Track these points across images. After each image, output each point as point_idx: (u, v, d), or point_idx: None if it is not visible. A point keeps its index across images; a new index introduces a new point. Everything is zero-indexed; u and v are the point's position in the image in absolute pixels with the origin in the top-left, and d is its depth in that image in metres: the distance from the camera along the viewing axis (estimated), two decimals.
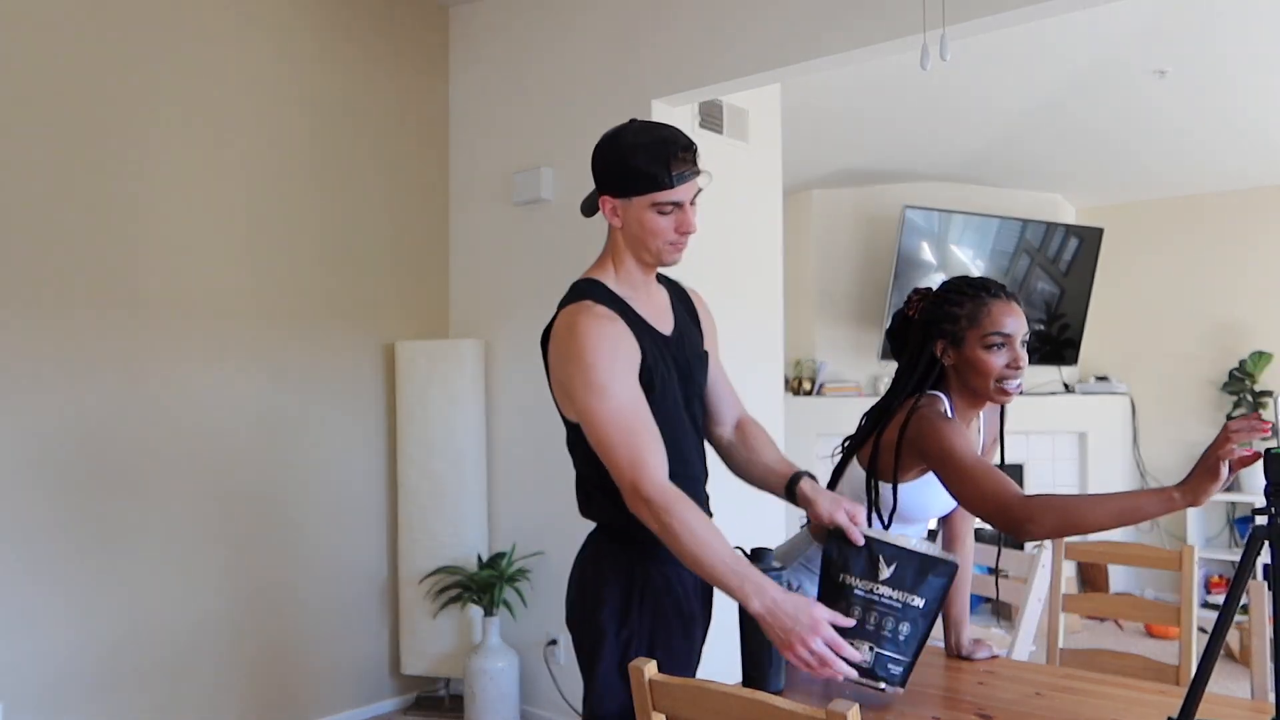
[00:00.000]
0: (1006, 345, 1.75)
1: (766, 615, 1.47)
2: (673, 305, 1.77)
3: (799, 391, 5.49)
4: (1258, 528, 1.25)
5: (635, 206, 1.62)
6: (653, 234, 1.62)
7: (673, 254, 1.66)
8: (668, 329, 1.71)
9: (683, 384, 1.70)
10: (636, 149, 1.60)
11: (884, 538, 1.66)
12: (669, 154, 1.59)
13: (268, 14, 3.33)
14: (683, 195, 1.62)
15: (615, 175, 1.61)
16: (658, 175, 1.58)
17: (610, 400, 1.52)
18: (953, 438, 1.67)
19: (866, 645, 1.63)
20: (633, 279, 1.68)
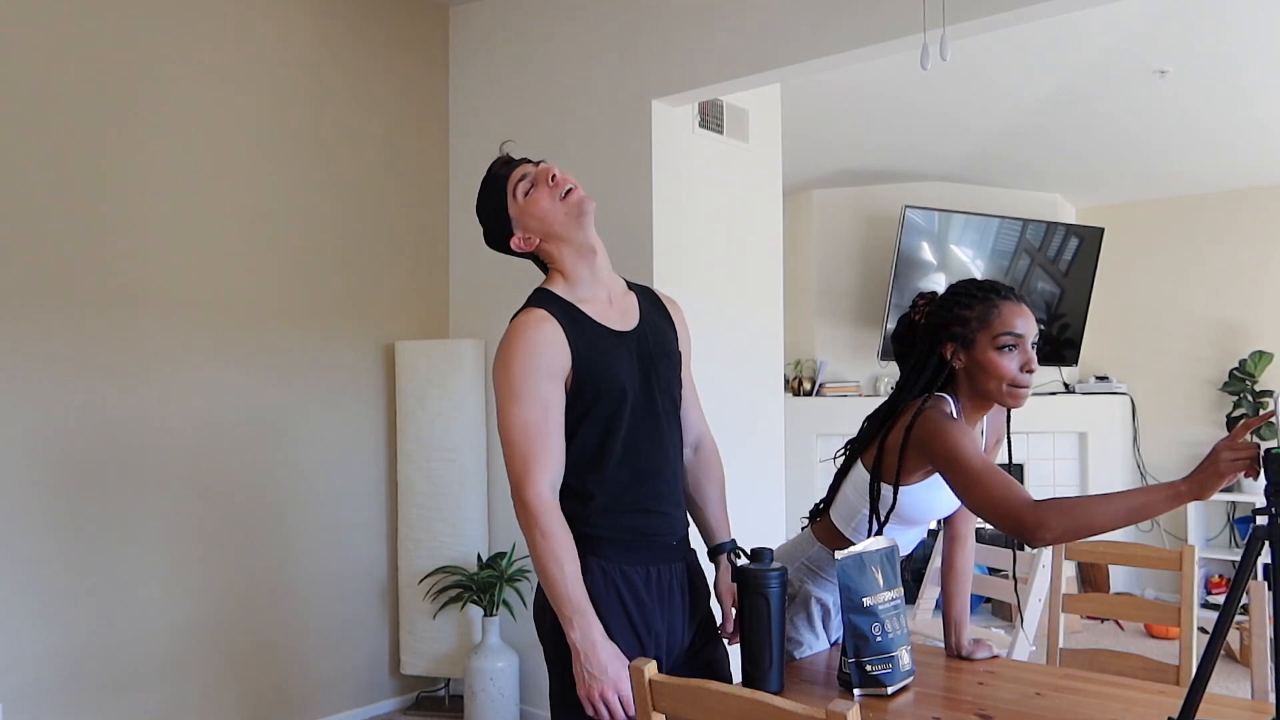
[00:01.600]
0: (1018, 346, 1.74)
1: (580, 651, 1.57)
2: (641, 307, 1.79)
3: (799, 391, 5.49)
4: (1258, 528, 1.25)
5: (520, 212, 1.71)
6: (542, 214, 1.69)
7: (571, 217, 1.69)
8: (628, 326, 1.73)
9: (644, 379, 1.72)
10: (485, 184, 1.76)
11: (856, 551, 1.67)
12: (500, 161, 1.76)
13: (267, 14, 3.33)
14: (525, 170, 1.71)
15: (491, 214, 1.74)
16: (497, 172, 1.73)
17: (519, 406, 1.60)
18: (960, 440, 1.67)
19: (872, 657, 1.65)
20: (581, 282, 1.71)
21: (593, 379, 1.64)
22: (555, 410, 1.62)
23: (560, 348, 1.63)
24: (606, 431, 1.67)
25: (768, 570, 1.64)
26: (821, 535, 1.97)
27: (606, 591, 1.65)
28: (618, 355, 1.68)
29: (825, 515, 1.99)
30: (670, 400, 1.76)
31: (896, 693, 1.65)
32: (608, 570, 1.66)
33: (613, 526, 1.67)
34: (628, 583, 1.67)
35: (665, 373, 1.76)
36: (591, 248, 1.70)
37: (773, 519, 3.60)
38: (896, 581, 1.72)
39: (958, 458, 1.64)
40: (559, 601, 1.58)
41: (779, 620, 1.64)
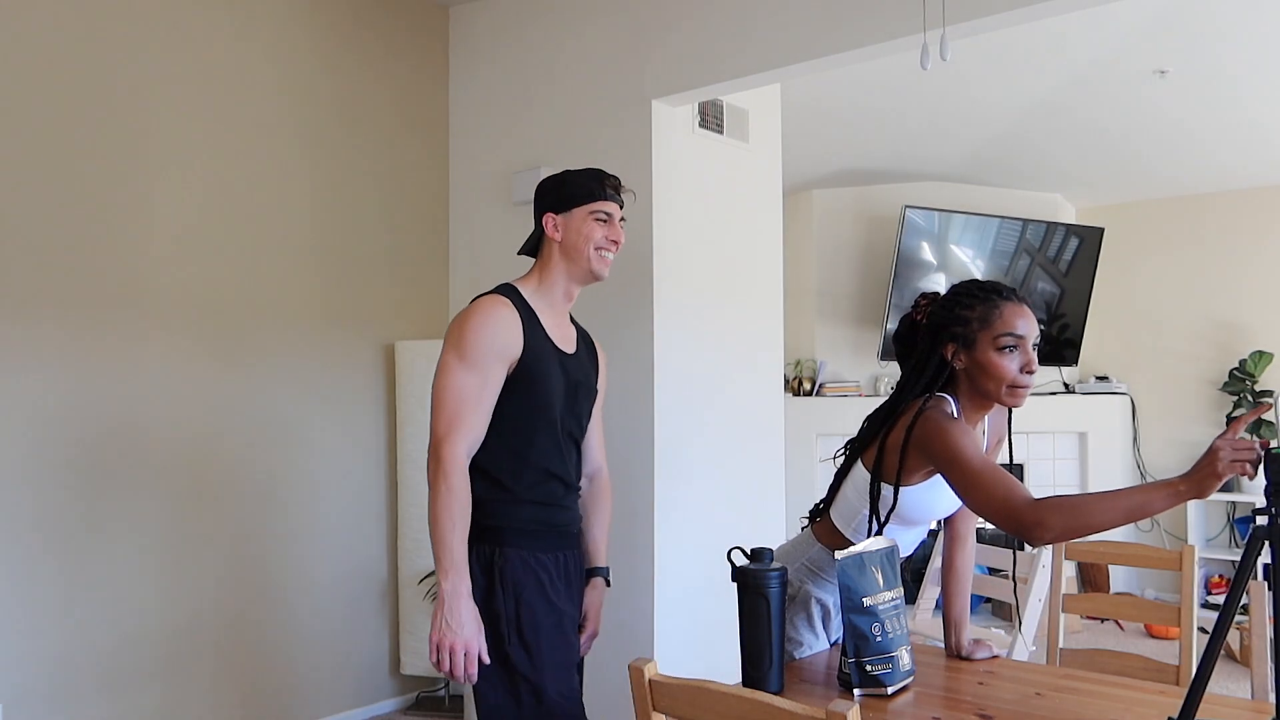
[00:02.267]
0: (1019, 347, 1.74)
1: (446, 603, 1.71)
2: (579, 340, 2.01)
3: (799, 392, 5.49)
4: (1258, 528, 1.25)
5: (575, 217, 1.92)
6: (587, 239, 1.90)
7: (600, 263, 1.92)
8: (566, 349, 1.94)
9: (568, 399, 1.90)
10: (575, 174, 1.94)
11: (856, 551, 1.67)
12: (602, 177, 1.93)
13: (267, 14, 3.33)
14: (613, 209, 1.93)
15: (556, 193, 1.92)
16: (594, 189, 1.91)
17: (462, 371, 1.76)
18: (961, 440, 1.67)
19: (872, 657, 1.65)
20: (552, 295, 1.94)
21: (531, 378, 1.83)
22: (492, 388, 1.79)
23: (515, 336, 1.81)
24: (531, 429, 1.84)
25: (767, 570, 1.64)
26: (822, 535, 1.97)
27: (526, 575, 1.83)
28: (554, 367, 1.87)
29: (825, 515, 1.99)
30: (579, 426, 1.96)
31: (896, 693, 1.65)
32: (525, 558, 1.84)
33: (525, 518, 1.85)
34: (543, 567, 1.86)
35: (582, 400, 1.96)
36: (573, 291, 1.96)
37: (773, 519, 3.59)
38: (896, 581, 1.72)
39: (958, 458, 1.64)
40: (442, 550, 1.72)
41: (779, 620, 1.64)
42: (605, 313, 3.28)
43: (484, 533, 1.83)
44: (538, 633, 1.81)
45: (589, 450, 2.06)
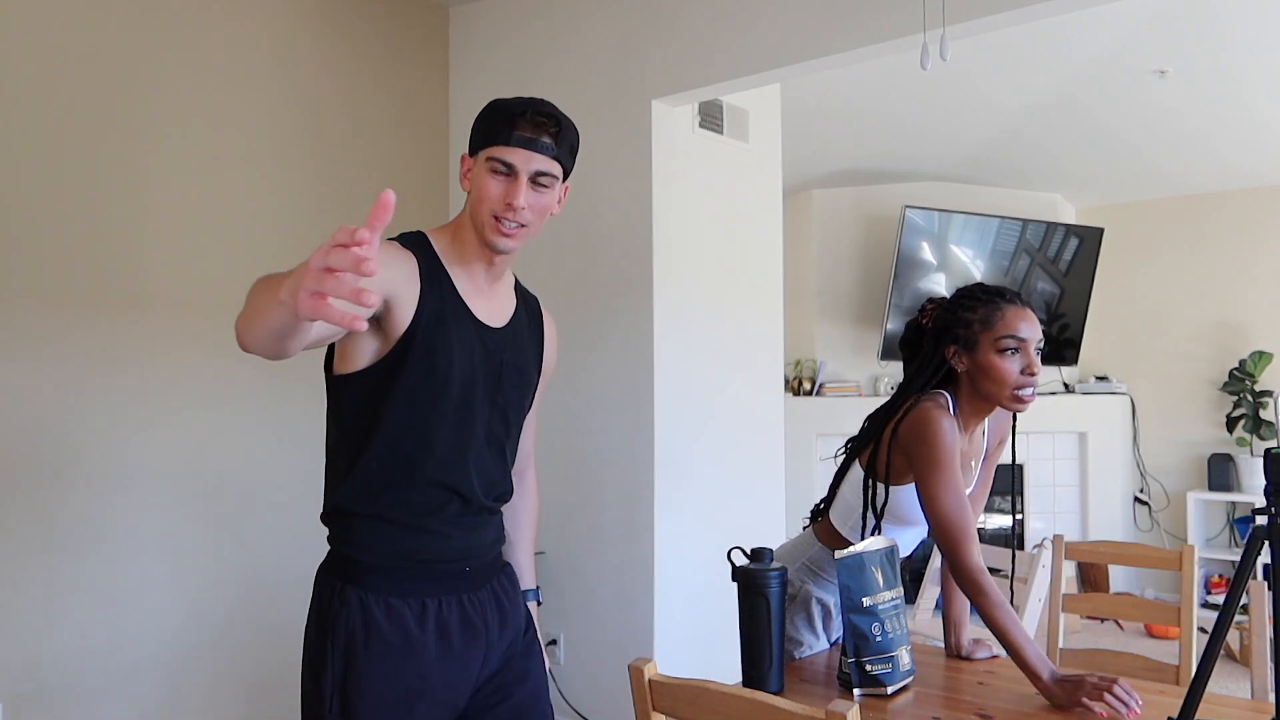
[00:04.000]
0: (1021, 350, 1.75)
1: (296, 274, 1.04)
2: (516, 314, 1.55)
3: (799, 391, 5.49)
4: (1258, 528, 1.25)
5: (478, 167, 1.43)
6: (479, 199, 1.41)
7: (495, 232, 1.40)
8: (492, 321, 1.49)
9: (488, 384, 1.47)
10: (495, 103, 1.44)
11: (856, 550, 1.68)
12: (516, 111, 1.40)
13: (267, 13, 3.33)
14: (517, 160, 1.38)
15: (474, 127, 1.45)
16: (498, 129, 1.39)
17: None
18: (948, 447, 1.70)
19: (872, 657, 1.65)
20: (465, 257, 1.46)
21: (422, 353, 1.38)
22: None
23: (399, 280, 1.35)
24: (424, 423, 1.39)
25: (767, 570, 1.64)
26: (822, 535, 1.98)
27: (367, 630, 1.36)
28: (464, 343, 1.42)
29: (826, 516, 1.99)
30: (504, 423, 1.51)
31: (896, 692, 1.65)
32: (372, 605, 1.38)
33: (386, 548, 1.40)
34: (400, 620, 1.38)
35: (509, 389, 1.50)
36: (493, 259, 1.47)
37: (773, 519, 3.60)
38: (896, 581, 1.72)
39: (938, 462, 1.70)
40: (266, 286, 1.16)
41: (779, 620, 1.64)
42: (605, 313, 3.28)
43: (332, 561, 1.44)
44: (363, 712, 1.36)
45: (523, 440, 1.65)
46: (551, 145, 1.41)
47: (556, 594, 3.42)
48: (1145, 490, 5.81)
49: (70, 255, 2.86)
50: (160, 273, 3.06)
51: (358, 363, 1.39)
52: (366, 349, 1.38)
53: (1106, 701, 1.49)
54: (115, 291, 2.95)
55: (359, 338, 1.37)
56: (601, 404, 3.29)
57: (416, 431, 1.40)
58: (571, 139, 1.46)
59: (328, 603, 1.40)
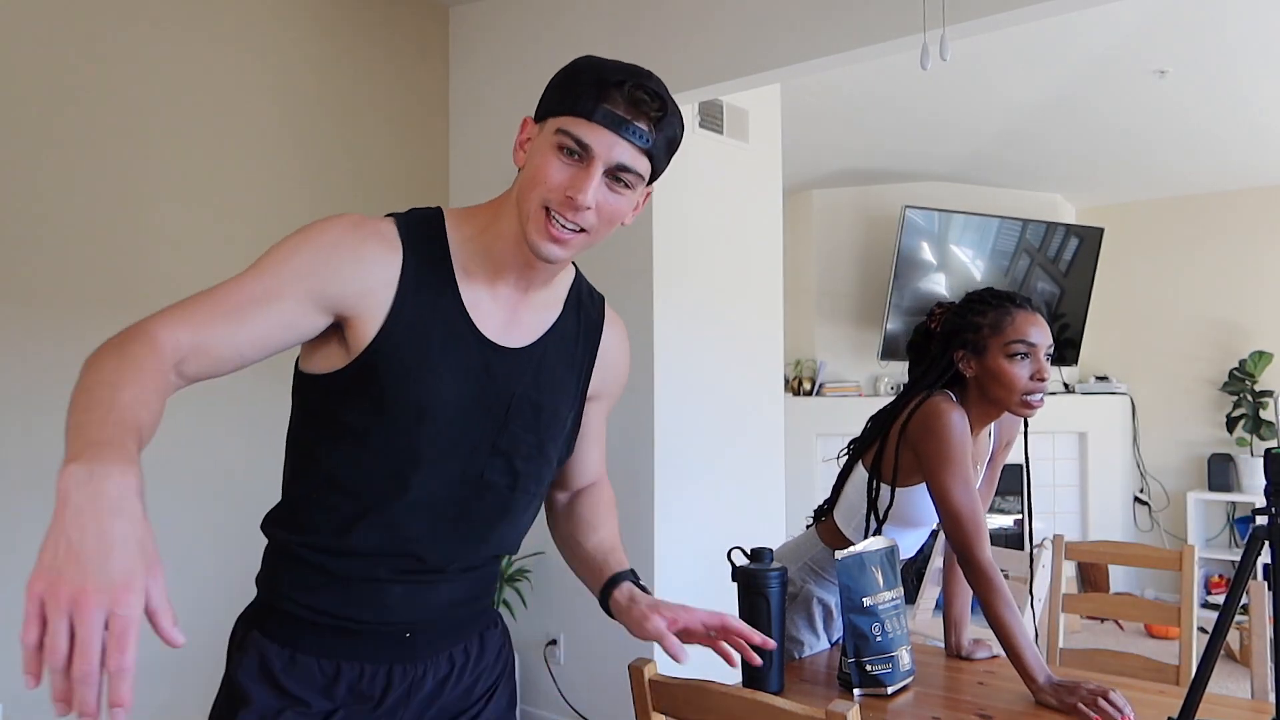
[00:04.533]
0: (1030, 355, 1.75)
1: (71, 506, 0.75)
2: (557, 328, 1.19)
3: (799, 392, 5.49)
4: (1258, 528, 1.25)
5: (543, 137, 1.08)
6: (534, 182, 1.06)
7: (542, 231, 1.06)
8: (511, 340, 1.14)
9: (486, 422, 1.13)
10: (587, 65, 1.09)
11: (856, 551, 1.68)
12: (615, 81, 1.05)
13: (267, 13, 3.33)
14: (597, 141, 1.04)
15: (547, 90, 1.12)
16: (582, 95, 1.05)
17: (246, 279, 1.01)
18: (959, 440, 1.69)
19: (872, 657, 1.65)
20: (496, 251, 1.12)
21: (389, 377, 1.07)
22: (269, 318, 1.01)
23: (363, 279, 1.05)
24: (375, 462, 1.09)
25: (767, 570, 1.64)
26: (825, 536, 1.98)
27: (258, 690, 1.12)
28: (456, 368, 1.10)
29: (829, 516, 1.99)
30: (505, 470, 1.16)
31: (896, 692, 1.65)
32: (271, 659, 1.12)
33: (303, 597, 1.12)
34: (306, 687, 1.12)
35: (518, 430, 1.15)
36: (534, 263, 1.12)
37: (773, 519, 3.60)
38: (896, 581, 1.72)
39: (949, 457, 1.70)
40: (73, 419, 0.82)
41: (779, 620, 1.64)
42: None
43: (251, 607, 1.20)
44: None
45: (585, 462, 1.35)
46: (648, 134, 1.06)
47: (556, 594, 3.43)
48: (1145, 490, 5.81)
49: (70, 255, 2.86)
50: (160, 272, 3.06)
51: (317, 363, 1.11)
52: (328, 351, 1.10)
53: (1100, 708, 1.48)
54: (115, 291, 2.95)
55: (321, 335, 1.09)
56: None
57: (367, 474, 1.09)
58: (674, 131, 1.10)
59: (231, 651, 1.18)
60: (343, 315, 1.06)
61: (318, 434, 1.13)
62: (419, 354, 1.08)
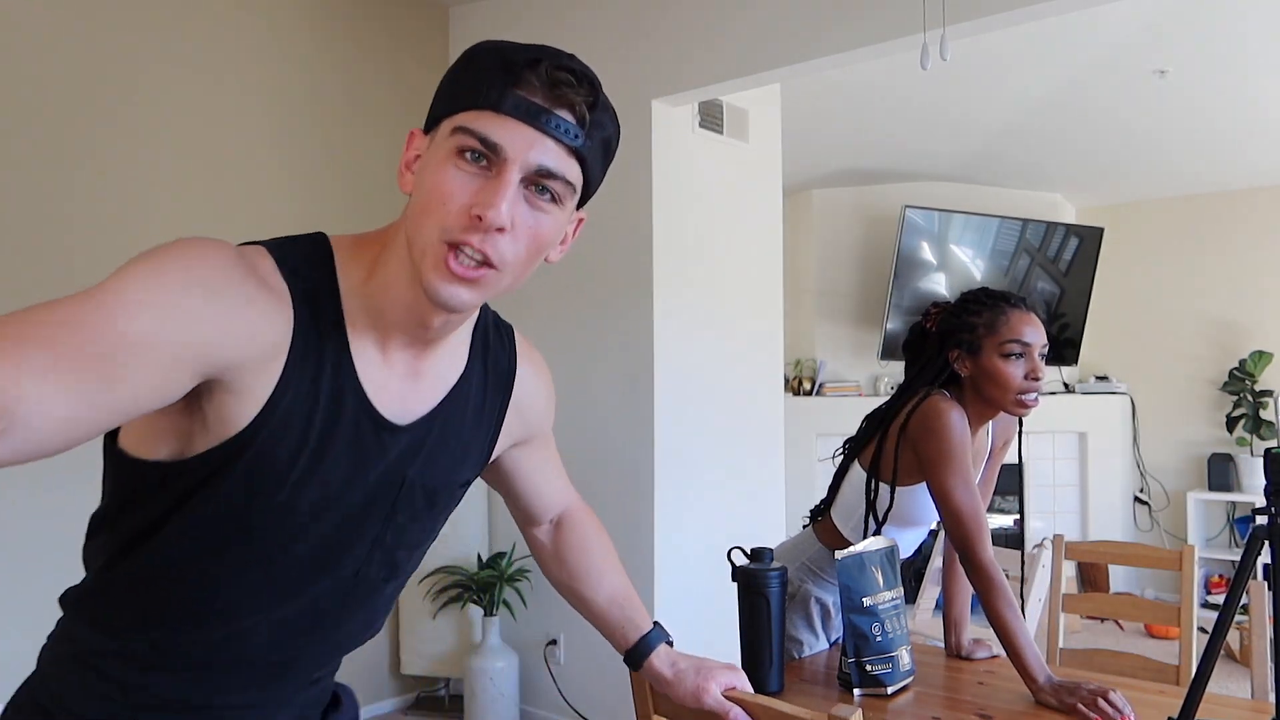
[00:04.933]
0: (1025, 355, 1.75)
1: None
2: (459, 389, 0.95)
3: (799, 391, 5.49)
4: (1258, 528, 1.25)
5: (435, 147, 0.83)
6: (428, 207, 0.80)
7: (440, 270, 0.80)
8: (404, 414, 0.90)
9: (373, 513, 0.91)
10: (487, 49, 0.84)
11: (856, 550, 1.68)
12: (525, 61, 0.81)
13: (267, 13, 3.33)
14: (509, 138, 0.79)
15: (439, 91, 0.86)
16: (485, 82, 0.80)
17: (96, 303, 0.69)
18: (959, 439, 1.70)
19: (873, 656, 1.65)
20: (386, 302, 0.86)
21: (269, 471, 0.82)
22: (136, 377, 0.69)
23: (259, 342, 0.78)
24: (223, 572, 0.86)
25: (768, 570, 1.64)
26: (822, 535, 1.98)
27: None
28: (343, 459, 0.86)
29: (827, 515, 1.99)
30: (385, 563, 0.96)
31: (896, 692, 1.65)
32: None
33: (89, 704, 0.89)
34: None
35: (405, 522, 0.95)
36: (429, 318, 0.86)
37: (772, 519, 3.60)
38: (896, 581, 1.72)
39: (949, 456, 1.69)
40: None
41: (779, 620, 1.64)
42: (605, 313, 3.28)
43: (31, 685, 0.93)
44: None
45: (541, 498, 1.19)
46: (574, 127, 0.82)
47: (556, 595, 3.42)
48: (1145, 490, 5.81)
49: (64, 255, 2.86)
50: None
51: (155, 443, 0.83)
52: (173, 427, 0.81)
53: (1100, 709, 1.48)
54: None
55: (170, 415, 0.81)
56: (601, 404, 3.29)
57: (212, 581, 0.86)
58: (608, 129, 0.87)
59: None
60: (213, 383, 0.77)
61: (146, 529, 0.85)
62: (301, 441, 0.83)
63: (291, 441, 0.83)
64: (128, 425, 0.85)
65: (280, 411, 0.81)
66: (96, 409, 0.67)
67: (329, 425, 0.85)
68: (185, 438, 0.82)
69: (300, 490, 0.85)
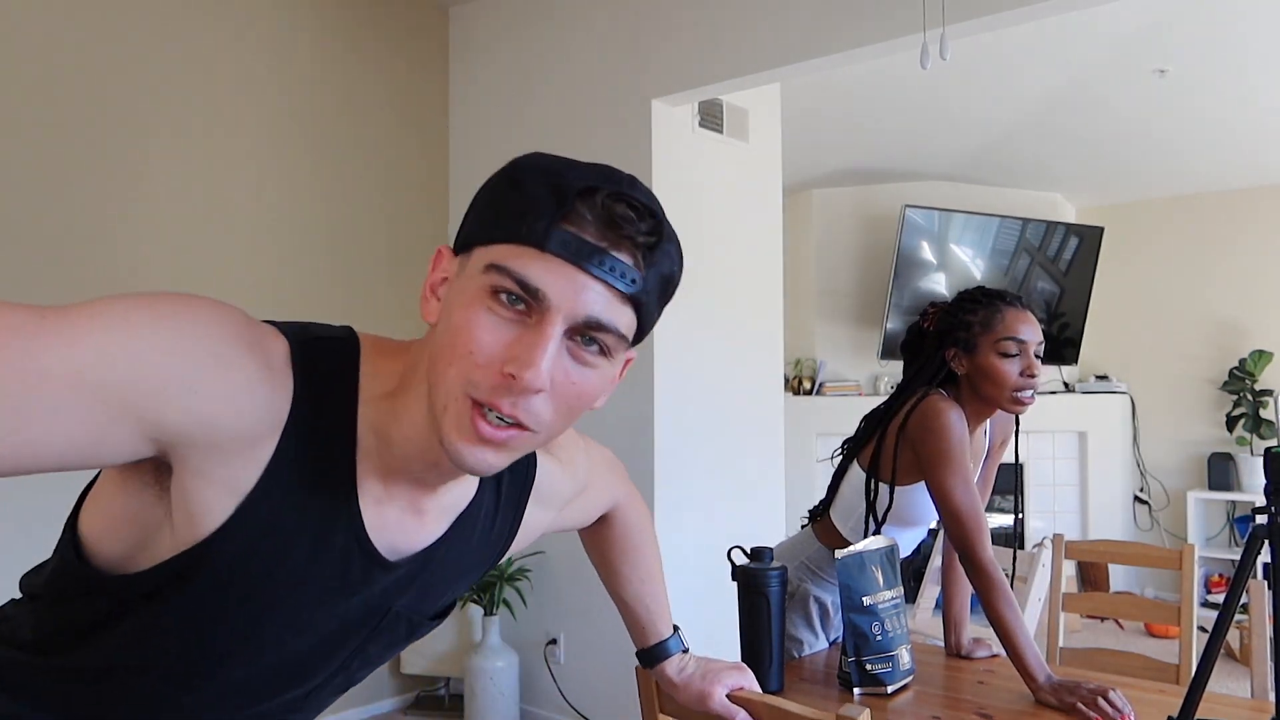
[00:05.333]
0: (1021, 353, 1.75)
1: None
2: (467, 515, 0.85)
3: (799, 391, 5.49)
4: (1258, 527, 1.25)
5: (466, 278, 0.72)
6: (455, 353, 0.69)
7: (466, 431, 0.69)
8: (406, 547, 0.80)
9: (339, 645, 0.83)
10: (533, 165, 0.76)
11: (856, 550, 1.68)
12: (580, 188, 0.71)
13: (267, 14, 3.33)
14: (556, 286, 0.68)
15: (474, 203, 0.77)
16: (527, 216, 0.70)
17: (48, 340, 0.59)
18: (958, 439, 1.70)
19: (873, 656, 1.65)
20: (403, 442, 0.75)
21: (232, 591, 0.72)
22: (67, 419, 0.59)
23: (242, 427, 0.67)
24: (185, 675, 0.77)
25: (767, 569, 1.64)
26: (821, 535, 1.98)
27: None
28: (326, 591, 0.77)
29: (825, 515, 2.00)
30: (345, 684, 0.90)
31: (896, 692, 1.65)
32: None
33: None
34: None
35: (381, 650, 0.88)
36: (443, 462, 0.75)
37: (773, 519, 3.60)
38: (896, 581, 1.72)
39: (948, 457, 1.70)
40: None
41: (779, 619, 1.64)
42: None
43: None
44: None
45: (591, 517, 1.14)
46: (631, 269, 0.71)
47: (556, 594, 3.43)
48: (1145, 489, 5.81)
49: (69, 252, 2.86)
50: (159, 273, 3.06)
51: (115, 534, 0.74)
52: (132, 517, 0.73)
53: (1100, 708, 1.48)
54: (114, 288, 2.95)
55: (130, 481, 0.71)
56: None
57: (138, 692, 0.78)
58: (671, 266, 0.75)
59: None
60: (177, 458, 0.66)
61: (84, 622, 0.75)
62: (278, 559, 0.72)
63: (266, 557, 0.71)
64: (94, 497, 0.75)
65: (258, 519, 0.70)
66: (23, 443, 0.57)
67: (315, 549, 0.73)
68: (145, 532, 0.71)
69: (268, 613, 0.74)
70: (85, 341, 0.59)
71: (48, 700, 0.78)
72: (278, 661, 0.79)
